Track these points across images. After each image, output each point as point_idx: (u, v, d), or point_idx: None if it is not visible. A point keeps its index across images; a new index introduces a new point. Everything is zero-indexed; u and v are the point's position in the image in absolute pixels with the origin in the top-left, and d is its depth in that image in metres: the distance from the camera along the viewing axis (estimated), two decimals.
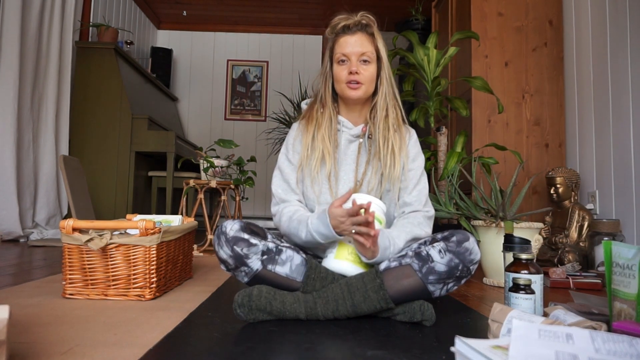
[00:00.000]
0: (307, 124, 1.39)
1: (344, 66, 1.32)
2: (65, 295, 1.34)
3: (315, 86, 1.44)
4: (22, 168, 3.13)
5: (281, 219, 1.30)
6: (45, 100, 3.35)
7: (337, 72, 1.34)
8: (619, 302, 0.94)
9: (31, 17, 3.20)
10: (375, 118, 1.37)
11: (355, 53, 1.31)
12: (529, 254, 1.16)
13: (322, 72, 1.40)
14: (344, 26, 1.33)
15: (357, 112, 1.39)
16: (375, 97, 1.38)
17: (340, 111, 1.41)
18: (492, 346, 0.72)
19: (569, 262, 2.18)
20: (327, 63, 1.38)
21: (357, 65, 1.30)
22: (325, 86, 1.38)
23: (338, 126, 1.38)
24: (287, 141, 1.42)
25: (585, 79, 2.69)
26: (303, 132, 1.39)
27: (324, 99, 1.39)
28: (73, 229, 1.32)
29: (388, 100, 1.37)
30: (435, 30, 3.49)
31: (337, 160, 1.36)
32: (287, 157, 1.39)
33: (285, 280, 1.17)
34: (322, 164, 1.34)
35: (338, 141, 1.37)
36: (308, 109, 1.43)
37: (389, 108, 1.37)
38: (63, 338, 0.94)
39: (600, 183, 2.52)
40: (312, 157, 1.34)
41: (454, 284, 1.16)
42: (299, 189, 1.36)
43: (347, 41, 1.32)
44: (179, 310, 1.22)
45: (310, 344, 0.94)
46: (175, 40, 5.53)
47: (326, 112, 1.38)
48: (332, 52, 1.36)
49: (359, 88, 1.32)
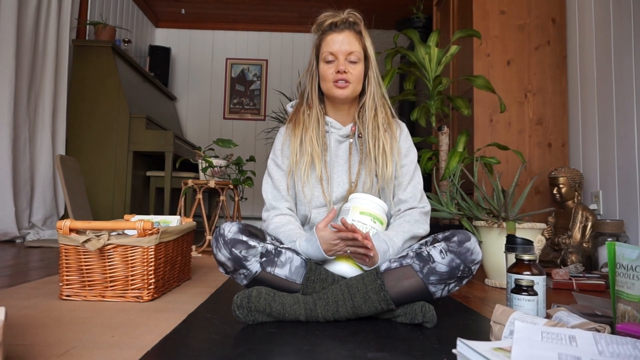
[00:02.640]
0: (294, 128, 1.38)
1: (331, 65, 1.31)
2: (62, 296, 1.34)
3: (300, 86, 1.43)
4: (19, 168, 3.13)
5: (268, 227, 1.31)
6: (41, 99, 3.35)
7: (324, 71, 1.32)
8: (622, 304, 0.94)
9: (27, 14, 3.20)
10: (364, 117, 1.36)
11: (343, 52, 1.30)
12: (531, 255, 1.16)
13: (309, 71, 1.39)
14: (331, 23, 1.32)
15: (345, 112, 1.39)
16: (363, 96, 1.37)
17: (327, 111, 1.40)
18: (494, 348, 0.72)
19: (572, 263, 2.18)
20: (314, 61, 1.37)
21: (345, 64, 1.30)
22: (311, 85, 1.37)
23: (326, 127, 1.37)
24: (275, 146, 1.41)
25: (588, 77, 2.69)
26: (291, 136, 1.38)
27: (310, 99, 1.38)
28: (70, 230, 1.32)
29: (376, 100, 1.36)
30: (436, 28, 3.49)
31: (329, 163, 1.35)
32: (276, 163, 1.38)
33: (285, 282, 1.17)
34: (312, 168, 1.34)
35: (327, 143, 1.37)
36: (294, 112, 1.42)
37: (377, 108, 1.36)
38: (60, 340, 0.94)
39: (603, 183, 2.52)
40: (301, 161, 1.33)
41: (456, 285, 1.16)
42: (290, 196, 1.35)
43: (334, 39, 1.30)
44: (178, 311, 1.22)
45: (310, 345, 0.94)
46: (173, 38, 5.53)
47: (313, 113, 1.36)
48: (318, 50, 1.35)
49: (347, 87, 1.31)
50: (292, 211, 1.36)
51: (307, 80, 1.39)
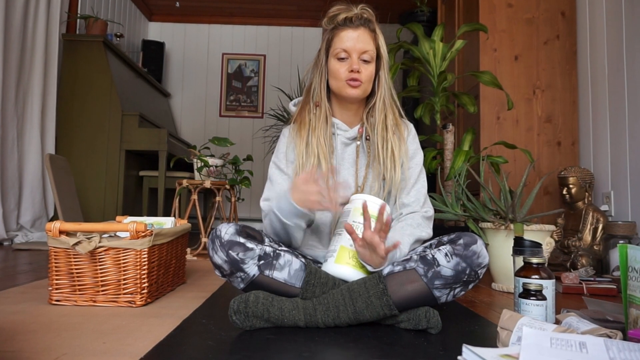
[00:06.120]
0: (300, 129, 1.37)
1: (344, 62, 1.30)
2: (51, 301, 1.34)
3: (306, 82, 1.41)
4: (6, 167, 3.13)
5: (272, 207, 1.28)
6: (30, 95, 3.35)
7: (335, 69, 1.31)
8: (635, 309, 0.94)
9: (15, 7, 3.20)
10: (373, 119, 1.36)
11: (357, 50, 1.29)
12: (540, 258, 1.16)
13: (317, 67, 1.37)
14: (346, 18, 1.31)
15: (353, 112, 1.38)
16: (371, 97, 1.37)
17: (333, 111, 1.39)
18: (501, 355, 0.73)
19: (582, 267, 2.18)
20: (323, 57, 1.35)
21: (359, 63, 1.29)
22: (320, 82, 1.36)
23: (332, 129, 1.37)
24: (278, 149, 1.39)
25: (599, 73, 2.69)
26: (295, 138, 1.37)
27: (318, 96, 1.37)
28: (60, 232, 1.32)
29: (386, 101, 1.36)
30: (441, 22, 3.49)
31: (335, 166, 1.35)
32: (279, 167, 1.37)
33: (284, 286, 1.17)
34: (319, 170, 1.33)
35: (334, 145, 1.36)
36: (299, 111, 1.40)
37: (387, 109, 1.36)
38: (49, 346, 0.94)
39: (615, 183, 2.52)
40: (307, 164, 1.32)
41: (461, 289, 1.16)
42: None
43: (348, 35, 1.30)
44: (172, 317, 1.22)
45: (309, 352, 0.94)
46: (167, 33, 5.53)
47: (321, 113, 1.35)
48: (329, 45, 1.34)
49: (359, 87, 1.30)
50: None
51: (316, 76, 1.37)
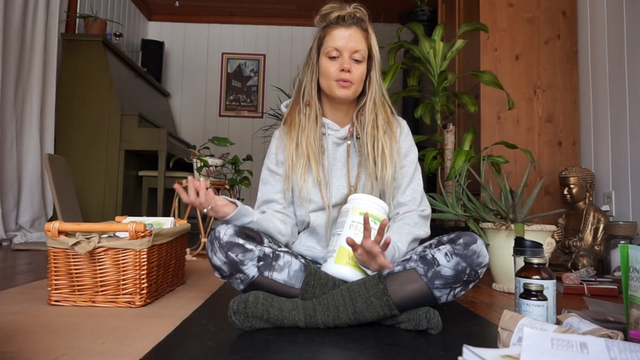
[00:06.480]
0: (289, 130, 1.37)
1: (335, 61, 1.30)
2: (50, 301, 1.34)
3: (297, 81, 1.40)
4: (5, 167, 3.13)
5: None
6: (29, 95, 3.35)
7: (326, 67, 1.31)
8: (636, 309, 0.94)
9: (14, 7, 3.20)
10: (363, 118, 1.35)
11: (349, 49, 1.29)
12: (540, 258, 1.16)
13: (308, 65, 1.36)
14: (338, 17, 1.31)
15: (344, 112, 1.38)
16: (362, 97, 1.37)
17: (324, 111, 1.39)
18: (502, 355, 0.73)
19: (583, 267, 2.18)
20: (314, 55, 1.35)
21: (349, 62, 1.29)
22: (311, 81, 1.36)
23: (323, 129, 1.37)
24: (270, 151, 1.40)
25: (600, 73, 2.69)
26: (286, 140, 1.37)
27: (309, 95, 1.36)
28: (59, 232, 1.32)
29: (377, 101, 1.36)
30: (441, 21, 3.50)
31: (327, 167, 1.35)
32: (270, 168, 1.38)
33: (283, 287, 1.17)
34: (309, 171, 1.33)
35: (325, 146, 1.36)
36: (289, 112, 1.40)
37: (377, 109, 1.36)
38: (49, 347, 0.94)
39: (616, 183, 2.52)
40: (298, 165, 1.33)
41: (462, 289, 1.16)
42: (286, 200, 1.35)
43: (340, 34, 1.29)
44: (171, 317, 1.22)
45: (309, 353, 0.94)
46: (167, 32, 5.53)
47: (311, 113, 1.35)
48: (320, 43, 1.33)
49: (350, 87, 1.30)
50: (281, 214, 1.35)
51: (306, 75, 1.37)
